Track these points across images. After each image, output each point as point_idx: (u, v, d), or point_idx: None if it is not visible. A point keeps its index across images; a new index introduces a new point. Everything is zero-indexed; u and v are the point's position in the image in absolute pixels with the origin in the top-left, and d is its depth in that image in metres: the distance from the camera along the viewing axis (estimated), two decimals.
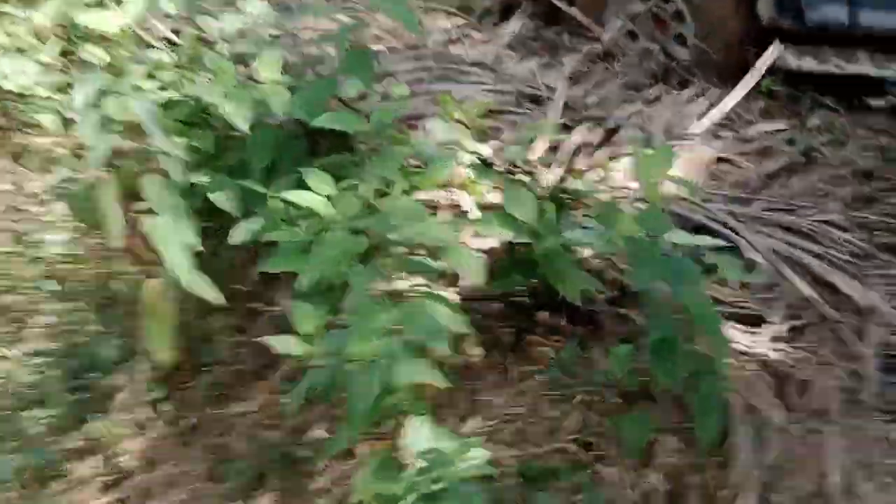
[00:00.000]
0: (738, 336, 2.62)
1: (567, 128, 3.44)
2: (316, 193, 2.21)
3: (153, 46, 2.95)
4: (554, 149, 3.25)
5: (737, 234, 2.85)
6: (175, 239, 2.34)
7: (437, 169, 2.27)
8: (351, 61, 2.62)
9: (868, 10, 3.70)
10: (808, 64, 3.86)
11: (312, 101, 2.64)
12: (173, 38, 3.16)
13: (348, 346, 1.73)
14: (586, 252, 2.61)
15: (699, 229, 2.88)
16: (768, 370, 2.61)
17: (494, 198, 2.76)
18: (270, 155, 2.68)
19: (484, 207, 2.86)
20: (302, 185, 2.80)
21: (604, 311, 2.70)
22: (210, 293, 2.47)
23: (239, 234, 2.49)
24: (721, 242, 2.36)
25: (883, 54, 3.76)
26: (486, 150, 2.94)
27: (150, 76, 2.68)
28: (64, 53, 3.57)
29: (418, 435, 1.92)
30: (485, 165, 2.53)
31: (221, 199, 2.66)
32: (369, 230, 2.12)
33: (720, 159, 3.27)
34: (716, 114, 3.37)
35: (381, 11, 2.59)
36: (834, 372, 2.59)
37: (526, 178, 2.51)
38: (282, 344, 1.94)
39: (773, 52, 3.73)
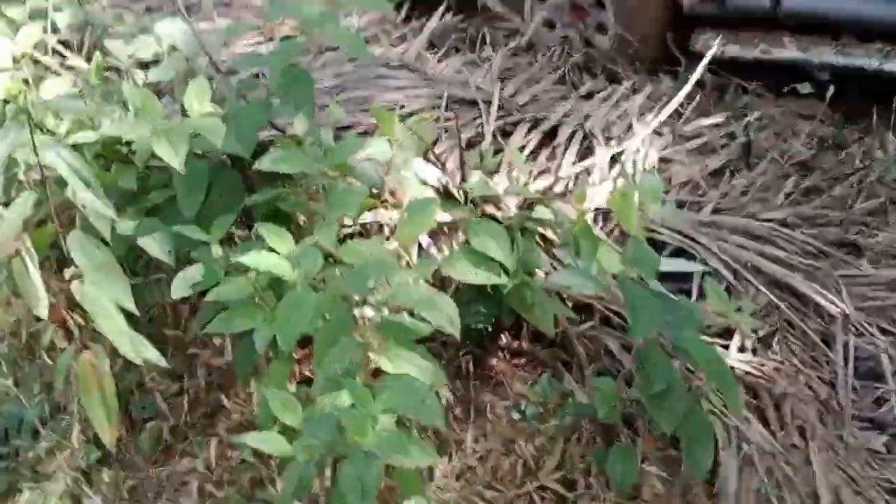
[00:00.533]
0: None
1: (505, 133, 3.23)
2: (273, 251, 1.93)
3: (56, 73, 2.58)
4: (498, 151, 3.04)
5: (695, 241, 2.71)
6: (109, 303, 2.03)
7: (421, 218, 2.02)
8: (287, 84, 2.33)
9: None
10: (733, 50, 3.75)
11: (247, 132, 2.35)
12: (81, 65, 2.79)
13: (346, 436, 1.50)
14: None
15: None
16: (743, 383, 2.49)
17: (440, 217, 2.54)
18: (203, 193, 2.39)
19: (434, 234, 2.64)
20: (239, 224, 2.53)
21: (572, 335, 2.52)
22: (152, 355, 2.18)
23: (179, 288, 2.20)
24: (702, 267, 2.20)
25: (806, 37, 3.67)
26: (436, 173, 2.71)
27: (57, 115, 2.33)
28: None
29: None
30: (445, 195, 2.29)
31: (153, 245, 2.35)
32: (338, 287, 1.86)
33: (662, 159, 3.11)
34: (660, 113, 3.20)
35: (322, 33, 2.29)
36: (807, 381, 2.49)
37: (492, 209, 2.29)
38: (263, 443, 1.67)
39: (717, 45, 3.59)
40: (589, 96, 3.53)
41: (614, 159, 3.05)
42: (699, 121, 3.30)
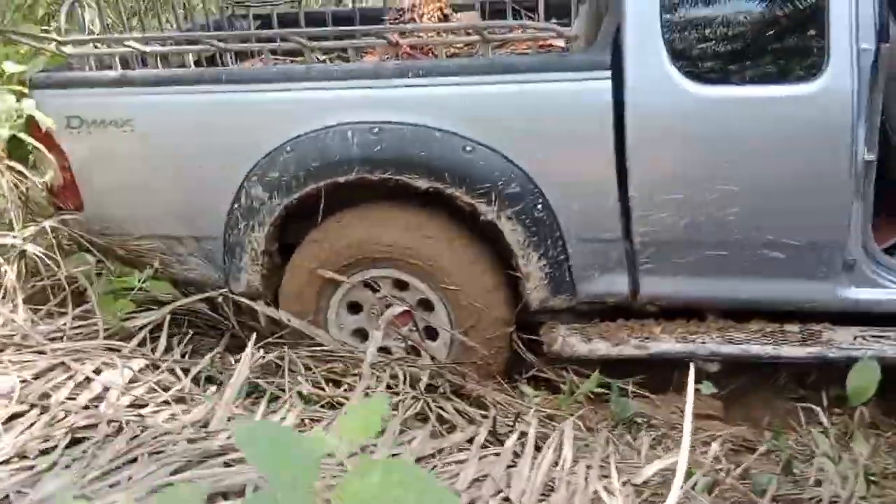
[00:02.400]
0: None
1: None
2: None
3: None
4: None
5: None
6: None
7: None
8: None
9: (651, 277, 2.84)
10: (602, 347, 2.89)
11: None
12: None
13: None
14: None
15: None
16: None
17: None
18: None
19: None
20: None
21: None
22: None
23: None
24: None
25: (672, 322, 2.92)
26: None
27: None
28: None
29: None
30: None
31: None
32: None
33: None
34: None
35: None
36: None
37: None
38: None
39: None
40: (467, 447, 2.38)
41: None
42: (648, 467, 2.30)
